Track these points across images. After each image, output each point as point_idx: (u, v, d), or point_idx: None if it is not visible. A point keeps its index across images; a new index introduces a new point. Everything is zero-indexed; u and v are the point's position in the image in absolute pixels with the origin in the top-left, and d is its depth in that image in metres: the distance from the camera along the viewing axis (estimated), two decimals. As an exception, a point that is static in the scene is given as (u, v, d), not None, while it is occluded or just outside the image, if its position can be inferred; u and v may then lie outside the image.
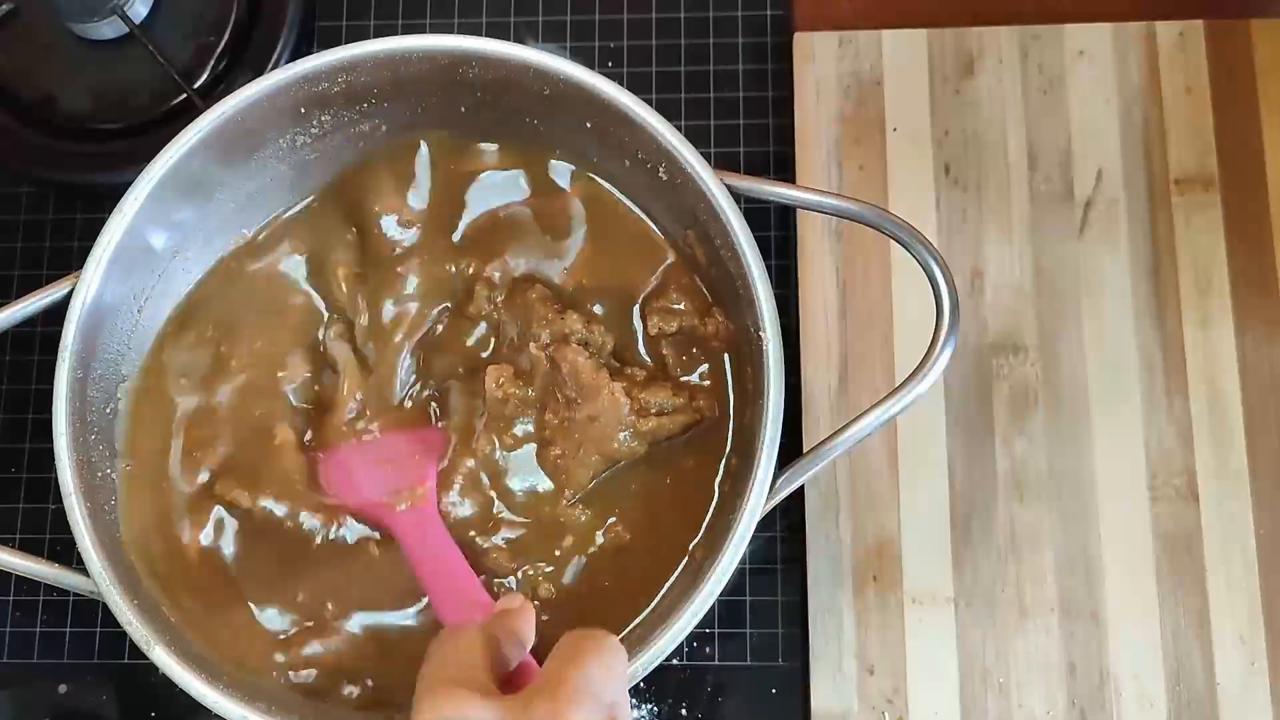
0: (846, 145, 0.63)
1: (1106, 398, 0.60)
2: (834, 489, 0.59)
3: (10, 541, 0.63)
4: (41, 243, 0.67)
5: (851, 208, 0.51)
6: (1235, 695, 0.56)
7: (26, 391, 0.65)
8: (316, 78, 0.54)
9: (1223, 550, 0.58)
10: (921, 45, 0.64)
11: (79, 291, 0.52)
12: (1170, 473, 0.59)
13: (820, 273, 0.62)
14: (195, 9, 0.66)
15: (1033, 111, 0.63)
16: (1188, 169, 0.62)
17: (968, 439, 0.60)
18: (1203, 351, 0.60)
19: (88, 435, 0.52)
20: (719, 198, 0.51)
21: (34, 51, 0.66)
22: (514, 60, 0.53)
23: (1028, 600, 0.58)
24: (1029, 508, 0.59)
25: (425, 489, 0.53)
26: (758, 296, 0.51)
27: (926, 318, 0.49)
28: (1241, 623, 0.57)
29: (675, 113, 0.66)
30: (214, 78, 0.65)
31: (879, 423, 0.49)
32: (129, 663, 0.61)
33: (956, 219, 0.62)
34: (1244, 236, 0.61)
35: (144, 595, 0.51)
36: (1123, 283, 0.61)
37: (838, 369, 0.61)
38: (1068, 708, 0.57)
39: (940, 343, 0.48)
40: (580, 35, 0.67)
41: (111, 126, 0.65)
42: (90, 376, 0.53)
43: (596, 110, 0.53)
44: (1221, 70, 0.63)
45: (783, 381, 0.50)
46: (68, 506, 0.50)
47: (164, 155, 0.53)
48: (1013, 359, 0.60)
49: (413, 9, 0.68)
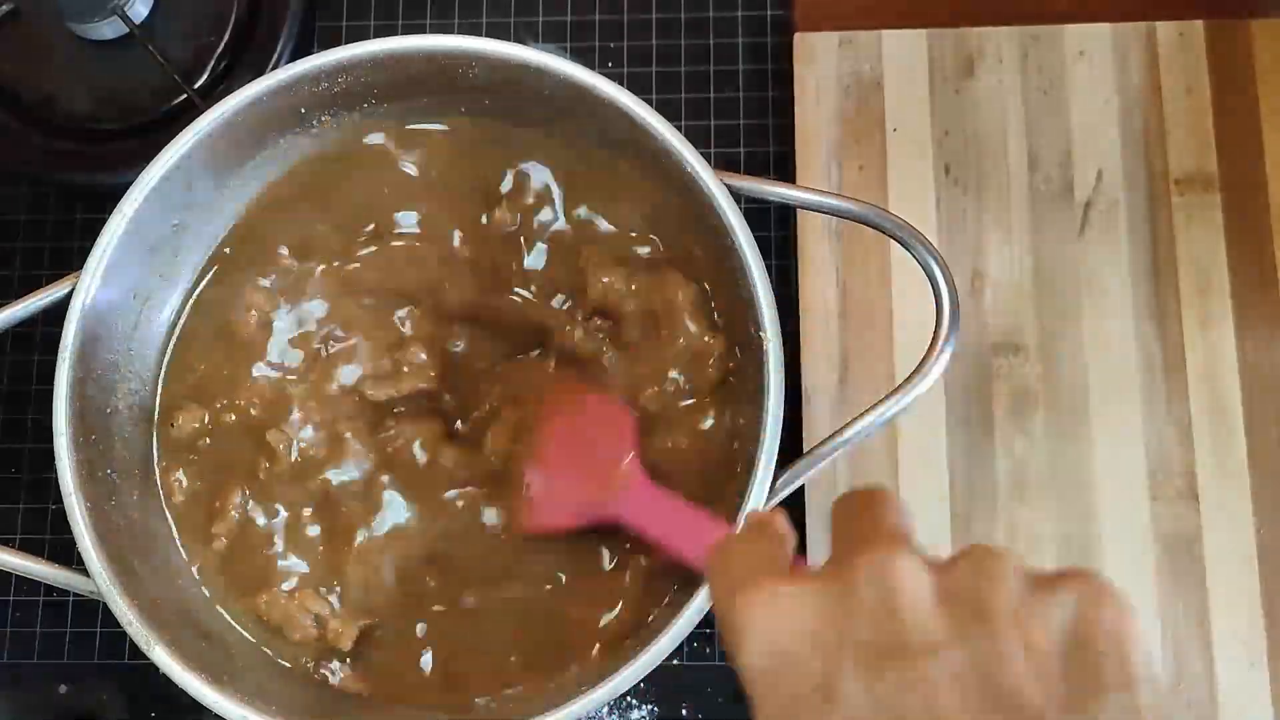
0: (846, 145, 0.63)
1: (1106, 398, 0.60)
2: (834, 489, 0.59)
3: (10, 541, 0.63)
4: (41, 243, 0.67)
5: (851, 208, 0.51)
6: (1235, 695, 0.56)
7: (26, 391, 0.65)
8: (316, 78, 0.54)
9: (1223, 550, 0.58)
10: (921, 45, 0.64)
11: (79, 291, 0.52)
12: (1170, 473, 0.59)
13: (820, 273, 0.62)
14: (195, 9, 0.66)
15: (1033, 111, 0.63)
16: (1188, 169, 0.62)
17: (968, 439, 0.60)
18: (1203, 351, 0.60)
19: (88, 435, 0.52)
20: (719, 198, 0.51)
21: (34, 51, 0.66)
22: (514, 60, 0.53)
23: (1028, 600, 0.58)
24: (1029, 508, 0.59)
25: (627, 462, 0.51)
26: (758, 296, 0.51)
27: (926, 318, 0.49)
28: (1241, 623, 0.57)
29: (675, 113, 0.66)
30: (214, 78, 0.65)
31: (879, 423, 0.49)
32: (129, 663, 0.61)
33: (956, 219, 0.62)
34: (1244, 236, 0.61)
35: (144, 595, 0.51)
36: (1123, 283, 0.61)
37: (838, 369, 0.61)
38: (1068, 708, 0.57)
39: (940, 343, 0.48)
40: (580, 35, 0.67)
41: (111, 126, 0.65)
42: (90, 376, 0.53)
43: (596, 111, 0.53)
44: (1221, 70, 0.63)
45: (783, 381, 0.50)
46: (68, 506, 0.50)
47: (164, 155, 0.53)
48: (1013, 359, 0.60)
49: (413, 9, 0.68)
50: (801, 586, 0.32)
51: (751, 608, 0.32)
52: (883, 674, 0.30)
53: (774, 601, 0.32)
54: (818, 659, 0.31)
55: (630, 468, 0.51)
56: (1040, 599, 0.30)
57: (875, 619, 0.31)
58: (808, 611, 0.31)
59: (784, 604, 0.32)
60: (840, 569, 0.32)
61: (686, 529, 0.49)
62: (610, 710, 0.60)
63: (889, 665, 0.30)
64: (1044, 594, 0.31)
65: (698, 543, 0.47)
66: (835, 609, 0.31)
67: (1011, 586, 0.31)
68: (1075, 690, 0.29)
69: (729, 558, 0.35)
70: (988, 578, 0.31)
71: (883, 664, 0.30)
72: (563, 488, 0.53)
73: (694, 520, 0.49)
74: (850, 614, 0.31)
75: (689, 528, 0.49)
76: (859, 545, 0.32)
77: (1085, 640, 0.30)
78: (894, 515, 0.33)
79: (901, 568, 0.31)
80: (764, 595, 0.32)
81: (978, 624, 0.30)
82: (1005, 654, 0.30)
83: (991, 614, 0.30)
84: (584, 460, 0.53)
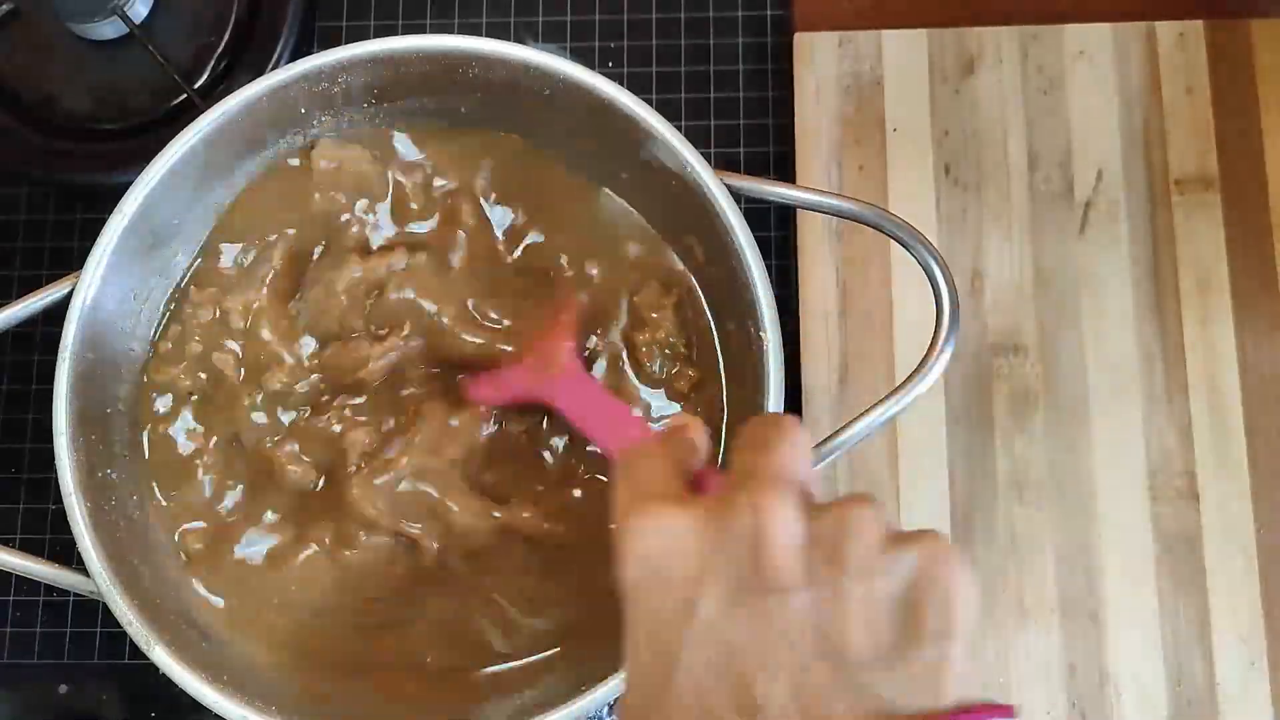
0: (846, 145, 0.63)
1: (1106, 398, 0.60)
2: (834, 489, 0.59)
3: (10, 541, 0.63)
4: (41, 243, 0.67)
5: (851, 208, 0.51)
6: (1235, 695, 0.56)
7: (26, 391, 0.65)
8: (316, 78, 0.54)
9: (1223, 550, 0.58)
10: (921, 45, 0.64)
11: (79, 291, 0.52)
12: (1170, 473, 0.59)
13: (820, 273, 0.62)
14: (195, 9, 0.66)
15: (1033, 111, 0.63)
16: (1188, 169, 0.62)
17: (968, 439, 0.60)
18: (1203, 351, 0.60)
19: (88, 435, 0.52)
20: (719, 198, 0.51)
21: (34, 51, 0.66)
22: (514, 60, 0.53)
23: (1028, 600, 0.58)
24: (1029, 508, 0.59)
25: (564, 350, 0.53)
26: (758, 296, 0.51)
27: (926, 318, 0.49)
28: (1241, 623, 0.57)
29: (675, 113, 0.66)
30: (214, 78, 0.65)
31: (879, 423, 0.49)
32: (129, 663, 0.61)
33: (956, 219, 0.62)
34: (1244, 236, 0.61)
35: (144, 595, 0.51)
36: (1123, 283, 0.61)
37: (838, 369, 0.61)
38: (1068, 708, 0.57)
39: (940, 343, 0.49)
40: (580, 35, 0.67)
41: (111, 126, 0.65)
42: (90, 376, 0.53)
43: (596, 111, 0.53)
44: (1221, 70, 0.63)
45: (783, 382, 0.50)
46: (68, 506, 0.50)
47: (164, 155, 0.53)
48: (1013, 359, 0.60)
49: (413, 9, 0.68)
50: (685, 511, 0.35)
51: (638, 524, 0.35)
52: (738, 605, 0.33)
53: (658, 522, 0.35)
54: (684, 580, 0.34)
55: (567, 354, 0.53)
56: (890, 554, 0.33)
57: (742, 554, 0.33)
58: (686, 537, 0.34)
59: (666, 526, 0.35)
60: (723, 501, 0.34)
61: (609, 421, 0.50)
62: (609, 711, 0.60)
63: (744, 598, 0.33)
64: (895, 549, 0.33)
65: (617, 436, 0.49)
66: (710, 539, 0.34)
67: (868, 540, 0.33)
68: (899, 640, 0.32)
69: (636, 465, 0.38)
70: (847, 530, 0.33)
71: (739, 596, 0.33)
72: (503, 364, 0.56)
73: (617, 414, 0.51)
74: (721, 546, 0.34)
75: (612, 420, 0.50)
76: (748, 479, 0.35)
77: (919, 594, 0.33)
78: (789, 455, 0.36)
79: (776, 511, 0.33)
80: (649, 516, 0.35)
81: (827, 572, 0.33)
82: (844, 603, 0.33)
83: (842, 564, 0.33)
84: (526, 342, 0.55)
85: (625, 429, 0.50)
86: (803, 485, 0.35)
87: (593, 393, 0.53)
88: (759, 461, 0.35)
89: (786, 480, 0.35)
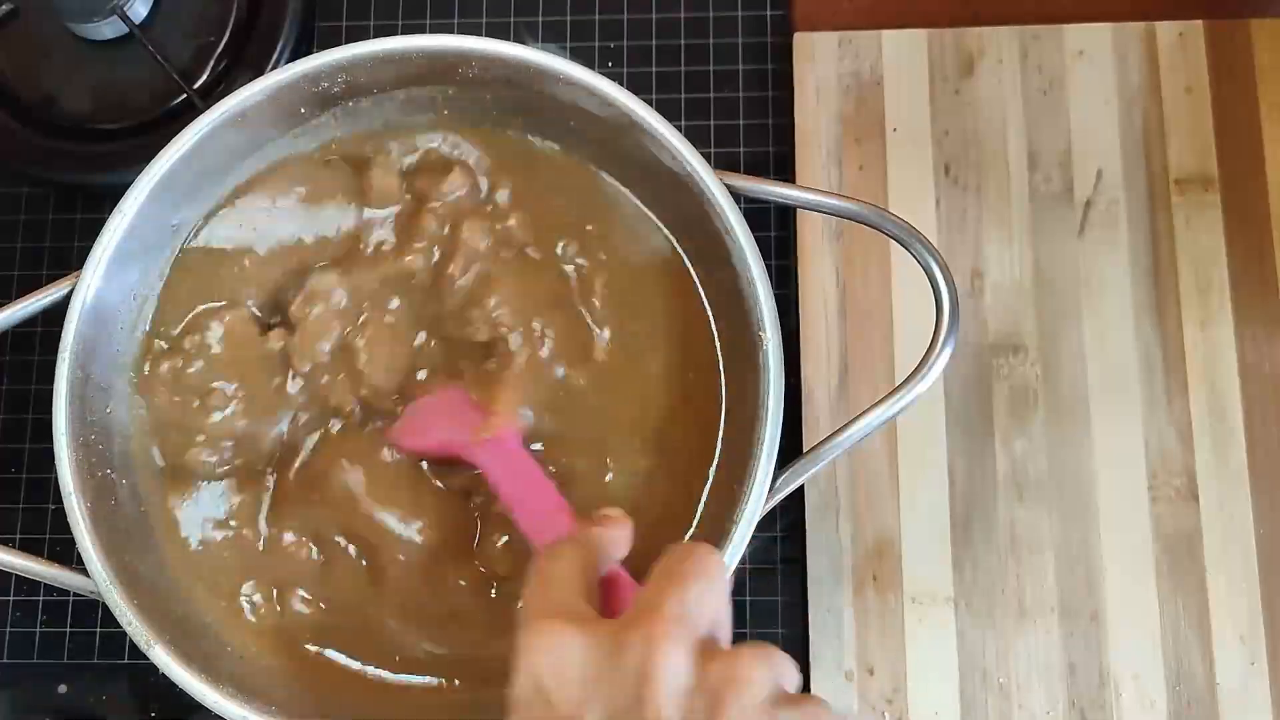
0: (846, 145, 0.63)
1: (1106, 398, 0.60)
2: (834, 489, 0.59)
3: (10, 541, 0.63)
4: (41, 243, 0.67)
5: (851, 208, 0.51)
6: (1235, 695, 0.56)
7: (26, 391, 0.65)
8: (316, 78, 0.54)
9: (1223, 550, 0.58)
10: (921, 45, 0.64)
11: (79, 291, 0.52)
12: (1170, 473, 0.59)
13: (820, 273, 0.62)
14: (195, 9, 0.66)
15: (1033, 111, 0.63)
16: (1188, 169, 0.62)
17: (968, 439, 0.60)
18: (1203, 351, 0.60)
19: (88, 435, 0.52)
20: (719, 198, 0.51)
21: (34, 51, 0.66)
22: (514, 60, 0.53)
23: (1028, 600, 0.58)
24: (1029, 508, 0.59)
25: (505, 419, 0.52)
26: (758, 296, 0.51)
27: (926, 318, 0.49)
28: (1241, 623, 0.57)
29: (675, 113, 0.66)
30: (214, 78, 0.65)
31: (879, 423, 0.49)
32: (129, 663, 0.61)
33: (956, 219, 0.62)
34: (1244, 236, 0.61)
35: (144, 595, 0.51)
36: (1123, 283, 0.61)
37: (838, 369, 0.61)
38: (1068, 708, 0.57)
39: (940, 343, 0.49)
40: (580, 35, 0.67)
41: (111, 126, 0.65)
42: (90, 376, 0.53)
43: (596, 110, 0.53)
44: (1221, 70, 0.63)
45: (783, 382, 0.50)
46: (68, 506, 0.50)
47: (164, 155, 0.53)
48: (1013, 359, 0.60)
49: (413, 9, 0.68)
50: (582, 635, 0.35)
51: (534, 642, 0.36)
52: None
53: (552, 640, 0.35)
54: (567, 703, 0.35)
55: (505, 424, 0.52)
56: (769, 716, 0.33)
57: (627, 689, 0.34)
58: (576, 663, 0.35)
59: (560, 645, 0.35)
60: (619, 632, 0.35)
61: (533, 501, 0.49)
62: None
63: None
64: (777, 711, 0.34)
65: (537, 521, 0.48)
66: (599, 667, 0.35)
67: (752, 698, 0.34)
68: None
69: (548, 568, 0.39)
70: (734, 683, 0.34)
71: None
72: (435, 416, 0.54)
73: (542, 495, 0.49)
74: (608, 677, 0.34)
75: (536, 500, 0.49)
76: (650, 613, 0.35)
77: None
78: (697, 593, 0.36)
79: (667, 654, 0.34)
80: (545, 635, 0.36)
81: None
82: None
83: (721, 718, 0.33)
84: (465, 403, 0.54)
85: (549, 516, 0.48)
86: (710, 624, 0.36)
87: (525, 468, 0.51)
88: (665, 596, 0.36)
89: (688, 621, 0.35)
